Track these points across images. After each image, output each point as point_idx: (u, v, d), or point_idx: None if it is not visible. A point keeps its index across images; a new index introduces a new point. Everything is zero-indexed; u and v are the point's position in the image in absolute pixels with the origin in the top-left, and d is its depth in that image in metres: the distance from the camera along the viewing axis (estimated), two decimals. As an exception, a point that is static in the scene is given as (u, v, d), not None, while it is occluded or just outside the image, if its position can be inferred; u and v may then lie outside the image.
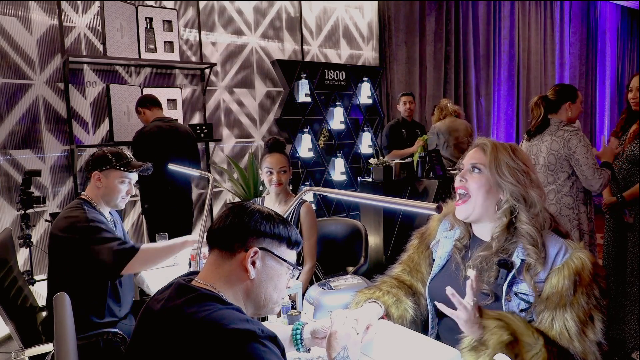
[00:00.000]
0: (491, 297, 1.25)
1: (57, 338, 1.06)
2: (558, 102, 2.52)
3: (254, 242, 0.99)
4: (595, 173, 2.37)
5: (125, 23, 3.70)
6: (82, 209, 1.81)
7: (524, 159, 1.31)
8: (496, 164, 1.28)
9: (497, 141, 1.34)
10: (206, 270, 1.00)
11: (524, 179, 1.27)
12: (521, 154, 1.32)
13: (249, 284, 0.99)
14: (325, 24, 5.02)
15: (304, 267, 2.22)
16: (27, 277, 2.98)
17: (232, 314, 0.88)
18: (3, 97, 3.38)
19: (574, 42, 7.77)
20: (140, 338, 0.95)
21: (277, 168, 2.22)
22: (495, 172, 1.28)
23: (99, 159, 1.88)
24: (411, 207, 1.13)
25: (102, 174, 1.87)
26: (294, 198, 2.21)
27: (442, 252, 1.42)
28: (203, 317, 0.86)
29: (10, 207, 3.42)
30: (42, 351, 1.72)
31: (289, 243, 1.04)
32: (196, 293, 0.92)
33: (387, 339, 1.29)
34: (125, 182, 1.91)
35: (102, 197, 1.90)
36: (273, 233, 1.01)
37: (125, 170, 1.89)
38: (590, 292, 1.17)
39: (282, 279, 1.04)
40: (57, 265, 1.83)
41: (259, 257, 0.99)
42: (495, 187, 1.28)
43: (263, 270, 1.00)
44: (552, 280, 1.20)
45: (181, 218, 3.42)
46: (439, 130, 4.39)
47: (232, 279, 0.98)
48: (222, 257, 0.99)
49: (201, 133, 4.05)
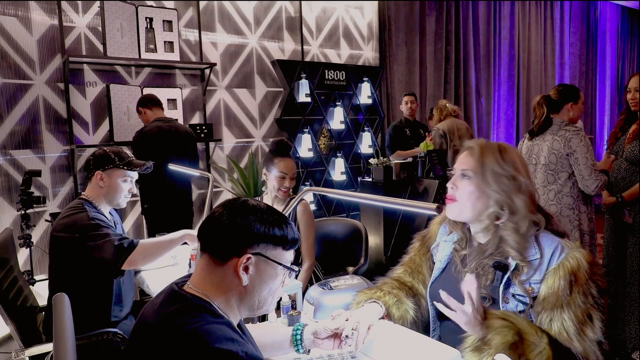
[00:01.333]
0: (489, 300, 1.26)
1: (56, 338, 1.06)
2: (560, 102, 2.52)
3: (247, 249, 0.94)
4: (592, 174, 2.37)
5: (126, 23, 3.70)
6: (84, 209, 1.81)
7: (512, 161, 1.27)
8: (482, 171, 1.26)
9: (486, 143, 1.32)
10: (198, 275, 0.97)
11: (509, 185, 1.25)
12: (510, 155, 1.28)
13: (242, 290, 0.96)
14: (325, 24, 5.02)
15: (302, 266, 2.20)
16: (27, 277, 2.98)
17: (220, 329, 0.86)
18: (3, 97, 3.38)
19: (574, 42, 7.77)
20: (134, 342, 0.94)
21: (291, 174, 2.17)
22: (481, 179, 1.27)
23: (101, 159, 1.88)
24: (411, 207, 1.13)
25: (105, 173, 1.87)
26: (294, 198, 2.21)
27: (442, 255, 1.43)
28: (190, 331, 0.84)
29: (11, 207, 3.42)
30: (42, 351, 1.72)
31: (285, 244, 0.99)
32: (186, 303, 0.90)
33: (387, 339, 1.29)
34: (127, 180, 1.92)
35: (105, 196, 1.90)
36: (267, 236, 0.95)
37: (128, 169, 1.90)
38: (587, 291, 1.17)
39: (277, 281, 1.00)
40: (58, 266, 1.83)
41: (252, 263, 0.94)
42: (483, 193, 1.27)
43: (256, 275, 0.96)
44: (548, 281, 1.20)
45: (181, 218, 3.42)
46: (444, 130, 4.39)
47: (224, 286, 0.94)
48: (214, 263, 0.95)
49: (201, 133, 4.05)
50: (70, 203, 1.90)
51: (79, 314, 1.42)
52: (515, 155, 1.30)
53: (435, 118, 4.54)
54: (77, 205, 1.83)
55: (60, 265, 1.82)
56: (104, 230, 1.76)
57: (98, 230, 1.75)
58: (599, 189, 2.40)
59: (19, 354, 1.66)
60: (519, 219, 1.24)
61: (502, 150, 1.29)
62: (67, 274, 1.79)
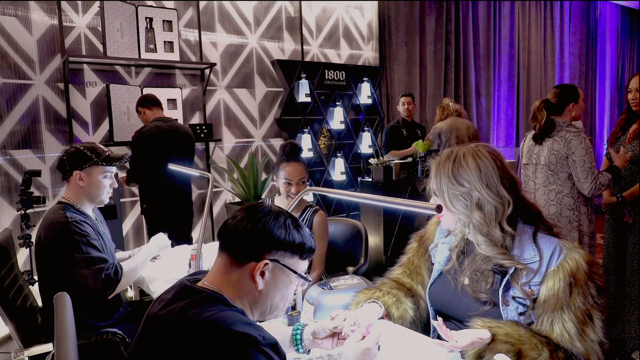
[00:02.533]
0: (489, 304, 1.26)
1: (57, 338, 1.05)
2: (561, 105, 2.52)
3: (266, 254, 0.97)
4: (588, 176, 2.37)
5: (125, 23, 3.70)
6: (65, 215, 1.71)
7: (466, 177, 1.25)
8: (441, 193, 1.28)
9: (442, 160, 1.30)
10: (214, 273, 0.99)
11: (466, 204, 1.25)
12: (464, 169, 1.25)
13: (257, 294, 0.98)
14: (325, 24, 5.02)
15: (311, 275, 2.16)
16: (27, 277, 2.98)
17: (235, 315, 0.88)
18: (3, 97, 3.38)
19: (574, 42, 7.77)
20: (144, 338, 0.95)
21: (297, 179, 2.12)
22: (442, 200, 1.28)
23: (77, 157, 1.78)
24: (411, 207, 1.13)
25: (84, 172, 1.79)
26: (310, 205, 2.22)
27: (441, 257, 1.43)
28: (205, 318, 0.85)
29: (10, 207, 3.42)
30: (42, 351, 1.72)
31: (302, 252, 1.01)
32: (201, 295, 0.92)
33: (387, 339, 1.29)
34: (107, 176, 1.85)
35: (86, 195, 1.82)
36: (287, 243, 0.98)
37: (107, 164, 1.82)
38: (587, 292, 1.17)
39: (290, 289, 1.03)
40: (45, 272, 1.77)
41: (269, 268, 0.97)
42: (449, 211, 1.29)
43: (272, 281, 0.98)
44: (548, 283, 1.20)
45: (181, 218, 3.42)
46: (440, 130, 4.38)
47: (239, 287, 0.97)
48: (232, 264, 0.97)
49: (201, 133, 4.05)
50: (50, 208, 1.80)
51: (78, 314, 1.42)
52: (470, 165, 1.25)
53: (437, 117, 4.54)
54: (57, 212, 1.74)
55: (47, 273, 1.77)
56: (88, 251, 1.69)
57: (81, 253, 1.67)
58: (595, 191, 2.40)
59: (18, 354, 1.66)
60: (486, 231, 1.25)
61: (457, 167, 1.27)
62: (57, 281, 1.72)
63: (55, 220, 1.72)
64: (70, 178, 1.80)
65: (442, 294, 1.39)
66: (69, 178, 1.81)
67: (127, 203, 3.94)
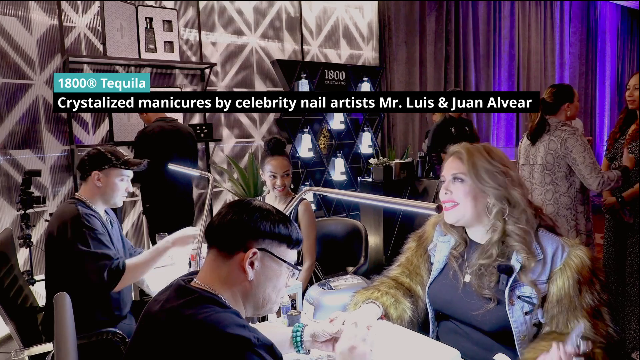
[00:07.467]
0: (493, 301, 1.26)
1: (57, 338, 1.06)
2: (556, 104, 2.52)
3: (253, 243, 0.97)
4: (592, 172, 2.36)
5: (125, 23, 3.70)
6: (76, 208, 1.78)
7: (500, 159, 1.31)
8: (475, 171, 1.29)
9: (471, 145, 1.34)
10: (205, 271, 0.99)
11: (504, 180, 1.28)
12: (497, 154, 1.32)
13: (247, 285, 0.98)
14: (325, 24, 5.02)
15: (303, 265, 2.21)
16: (27, 277, 2.98)
17: (230, 317, 0.88)
18: (3, 97, 3.38)
19: (574, 42, 7.77)
20: (139, 338, 0.95)
21: (281, 172, 2.18)
22: (475, 179, 1.28)
23: (97, 158, 1.86)
24: (411, 207, 1.13)
25: (102, 173, 1.86)
26: (294, 197, 2.21)
27: (440, 256, 1.43)
28: (201, 319, 0.86)
29: (10, 207, 3.42)
30: (42, 351, 1.72)
31: (290, 242, 1.02)
32: (195, 295, 0.92)
33: (386, 339, 1.29)
34: (124, 179, 1.91)
35: (101, 196, 1.88)
36: (273, 233, 0.99)
37: (125, 168, 1.90)
38: (593, 289, 1.20)
39: (281, 279, 1.03)
40: (54, 266, 1.82)
41: (258, 258, 0.97)
42: (480, 193, 1.29)
43: (262, 271, 0.99)
44: (557, 283, 1.21)
45: (182, 218, 3.41)
46: None
47: (230, 280, 0.97)
48: (221, 257, 0.98)
49: (201, 133, 4.05)
50: (63, 204, 1.86)
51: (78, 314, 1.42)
52: (501, 153, 1.34)
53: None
54: (69, 206, 1.80)
55: (56, 266, 1.81)
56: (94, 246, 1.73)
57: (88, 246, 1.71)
58: (604, 185, 2.36)
59: (18, 354, 1.67)
60: (520, 212, 1.27)
61: (488, 150, 1.33)
62: (64, 275, 1.78)
63: (66, 211, 1.78)
64: (89, 178, 1.87)
65: (442, 293, 1.39)
66: (87, 178, 1.87)
67: (128, 203, 3.94)
